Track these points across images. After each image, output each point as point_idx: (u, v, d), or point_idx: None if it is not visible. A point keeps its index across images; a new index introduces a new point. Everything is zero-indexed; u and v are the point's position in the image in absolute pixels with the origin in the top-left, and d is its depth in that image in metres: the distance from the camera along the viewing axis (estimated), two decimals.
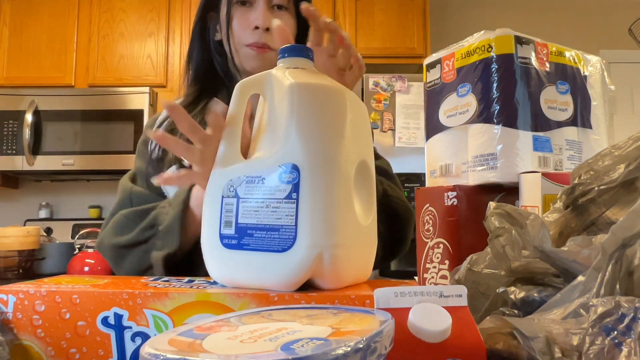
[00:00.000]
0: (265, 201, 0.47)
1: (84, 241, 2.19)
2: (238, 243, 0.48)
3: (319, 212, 0.46)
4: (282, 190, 0.47)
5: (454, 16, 3.40)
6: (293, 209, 0.46)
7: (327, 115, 0.49)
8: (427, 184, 0.78)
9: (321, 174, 0.47)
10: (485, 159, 0.67)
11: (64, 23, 2.85)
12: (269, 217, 0.47)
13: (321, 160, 0.47)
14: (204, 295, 0.43)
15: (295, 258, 0.45)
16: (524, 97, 0.68)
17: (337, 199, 0.47)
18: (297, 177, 0.46)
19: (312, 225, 0.46)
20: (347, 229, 0.48)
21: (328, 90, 0.51)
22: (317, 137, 0.48)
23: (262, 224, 0.47)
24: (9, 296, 0.44)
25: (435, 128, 0.76)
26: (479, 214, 0.58)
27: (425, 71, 0.79)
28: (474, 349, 0.33)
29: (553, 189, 0.61)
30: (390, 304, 0.35)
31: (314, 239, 0.46)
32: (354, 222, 0.49)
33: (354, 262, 0.49)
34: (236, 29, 0.87)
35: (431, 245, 0.70)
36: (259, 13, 0.84)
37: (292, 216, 0.46)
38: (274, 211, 0.47)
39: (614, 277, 0.37)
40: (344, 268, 0.48)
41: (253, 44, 0.85)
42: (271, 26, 0.84)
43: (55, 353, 0.43)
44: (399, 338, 0.32)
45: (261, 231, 0.47)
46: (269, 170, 0.48)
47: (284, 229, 0.46)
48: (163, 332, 0.41)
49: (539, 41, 0.71)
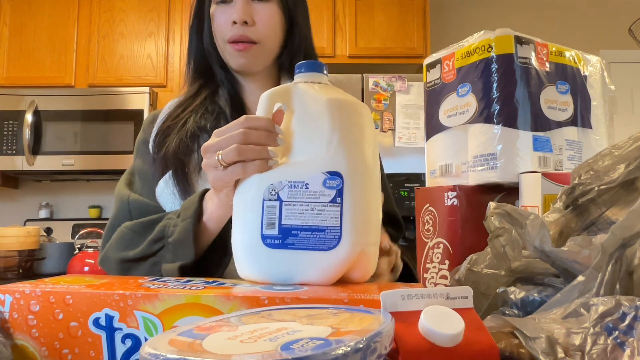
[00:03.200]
0: (310, 204, 0.53)
1: (84, 241, 2.19)
2: (282, 243, 0.53)
3: (360, 214, 0.53)
4: (327, 195, 0.53)
5: (454, 16, 3.40)
6: (337, 212, 0.53)
7: (362, 127, 0.57)
8: (427, 184, 0.78)
9: (361, 180, 0.54)
10: (485, 159, 0.67)
11: (64, 23, 2.85)
12: (314, 219, 0.53)
13: (361, 168, 0.55)
14: (194, 298, 0.43)
15: (340, 255, 0.52)
16: (524, 97, 0.68)
17: (373, 202, 0.55)
18: (340, 183, 0.53)
19: (354, 226, 0.53)
20: (377, 228, 0.56)
21: (359, 106, 0.58)
22: (357, 147, 0.55)
23: (307, 225, 0.53)
24: (5, 296, 0.44)
25: (435, 128, 0.76)
26: (479, 214, 0.58)
27: (425, 71, 0.79)
28: (488, 351, 0.33)
29: (553, 189, 0.61)
30: (398, 307, 0.34)
31: (356, 237, 0.53)
32: (379, 222, 0.57)
33: (375, 257, 0.57)
34: (217, 26, 0.87)
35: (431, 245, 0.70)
36: (236, 7, 0.84)
37: (337, 218, 0.53)
38: (319, 214, 0.53)
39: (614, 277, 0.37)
40: (373, 263, 0.56)
41: (231, 38, 0.85)
42: (252, 19, 0.84)
43: (48, 353, 0.43)
44: (411, 342, 0.32)
45: (306, 232, 0.53)
46: (311, 176, 0.54)
47: (330, 230, 0.52)
48: (154, 335, 0.41)
49: (539, 41, 0.71)
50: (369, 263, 0.55)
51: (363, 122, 0.57)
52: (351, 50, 2.86)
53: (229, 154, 0.56)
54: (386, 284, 0.53)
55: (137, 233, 0.74)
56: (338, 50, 2.85)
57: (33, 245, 2.16)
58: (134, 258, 0.72)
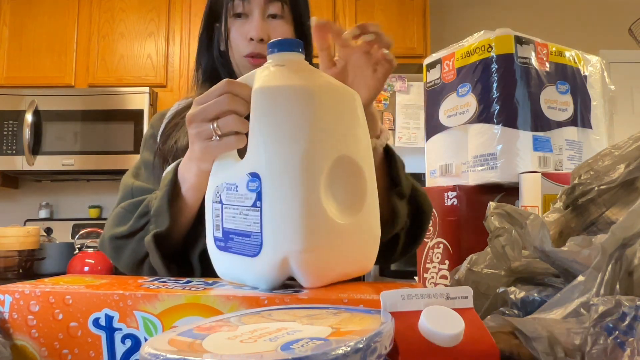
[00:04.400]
0: (239, 208, 0.49)
1: (84, 241, 2.18)
2: (225, 245, 0.51)
3: (281, 219, 0.46)
4: (249, 198, 0.48)
5: (454, 16, 3.40)
6: (258, 217, 0.47)
7: (288, 119, 0.48)
8: (427, 184, 0.78)
9: (281, 181, 0.47)
10: (485, 159, 0.67)
11: (64, 23, 2.85)
12: (242, 224, 0.49)
13: (280, 167, 0.47)
14: (194, 298, 0.43)
15: (264, 263, 0.47)
16: (524, 97, 0.68)
17: (302, 204, 0.46)
18: (259, 185, 0.47)
19: (275, 232, 0.47)
20: (316, 231, 0.47)
21: (292, 92, 0.49)
22: (276, 144, 0.48)
23: (238, 229, 0.50)
24: (5, 296, 0.44)
25: (435, 128, 0.76)
26: (479, 214, 0.58)
27: (425, 71, 0.79)
28: (488, 351, 0.33)
29: (553, 189, 0.61)
30: (398, 307, 0.34)
31: (278, 245, 0.47)
32: (327, 224, 0.48)
33: (334, 261, 0.49)
34: (234, 40, 0.89)
35: (431, 245, 0.70)
36: (253, 24, 0.87)
37: (258, 224, 0.47)
38: (245, 218, 0.49)
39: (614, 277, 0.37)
40: (321, 269, 0.48)
41: (249, 54, 0.88)
42: (268, 36, 0.85)
43: (48, 354, 0.43)
44: (411, 342, 0.32)
45: (238, 236, 0.50)
46: (240, 179, 0.49)
47: (253, 236, 0.48)
48: (154, 335, 0.41)
49: (539, 41, 0.71)
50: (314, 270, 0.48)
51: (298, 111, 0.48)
52: None
53: (228, 123, 0.54)
54: (386, 284, 0.52)
55: (128, 211, 0.75)
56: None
57: (33, 245, 2.16)
58: (124, 234, 0.73)
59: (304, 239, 0.46)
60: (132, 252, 0.73)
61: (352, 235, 0.51)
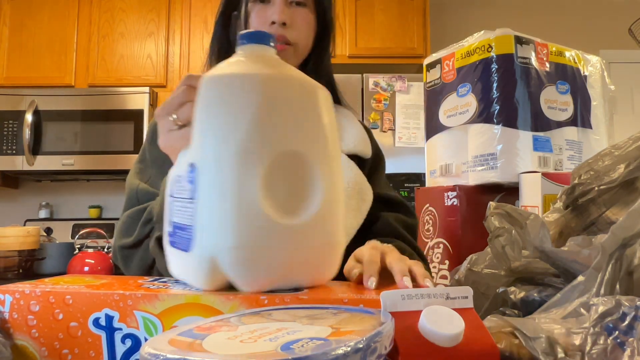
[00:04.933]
0: (182, 201, 0.47)
1: (84, 241, 2.18)
2: (172, 240, 0.49)
3: (211, 213, 0.44)
4: (188, 190, 0.46)
5: (454, 16, 3.40)
6: (194, 210, 0.45)
7: (228, 109, 0.46)
8: (427, 184, 0.78)
9: (214, 173, 0.45)
10: (485, 159, 0.67)
11: (64, 23, 2.85)
12: (182, 217, 0.47)
13: (213, 158, 0.45)
14: (194, 298, 0.43)
15: (195, 259, 0.45)
16: (524, 97, 0.68)
17: (232, 199, 0.44)
18: (195, 177, 0.45)
19: (205, 226, 0.45)
20: (248, 229, 0.44)
21: (236, 81, 0.46)
22: (212, 134, 0.46)
23: (180, 223, 0.47)
24: (5, 296, 0.44)
25: (435, 128, 0.76)
26: (479, 214, 0.58)
27: (425, 71, 0.79)
28: (488, 351, 0.33)
29: (553, 189, 0.61)
30: (398, 307, 0.34)
31: (207, 240, 0.45)
32: (262, 222, 0.44)
33: (273, 264, 0.45)
34: (253, 25, 0.88)
35: (431, 245, 0.70)
36: (276, 8, 0.86)
37: (192, 217, 0.45)
38: (185, 211, 0.46)
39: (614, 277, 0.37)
40: (255, 270, 0.45)
41: None
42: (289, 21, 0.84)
43: (48, 353, 0.43)
44: (412, 342, 0.32)
45: (180, 230, 0.47)
46: (183, 170, 0.48)
47: (187, 230, 0.46)
48: (154, 335, 0.41)
49: (539, 41, 0.71)
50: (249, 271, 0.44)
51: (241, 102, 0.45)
52: (351, 50, 2.86)
53: (185, 112, 0.53)
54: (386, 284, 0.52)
55: (133, 219, 0.75)
56: (338, 50, 2.85)
57: (33, 245, 2.16)
58: (132, 244, 0.73)
59: (233, 235, 0.44)
60: (140, 260, 0.73)
61: (297, 238, 0.46)
